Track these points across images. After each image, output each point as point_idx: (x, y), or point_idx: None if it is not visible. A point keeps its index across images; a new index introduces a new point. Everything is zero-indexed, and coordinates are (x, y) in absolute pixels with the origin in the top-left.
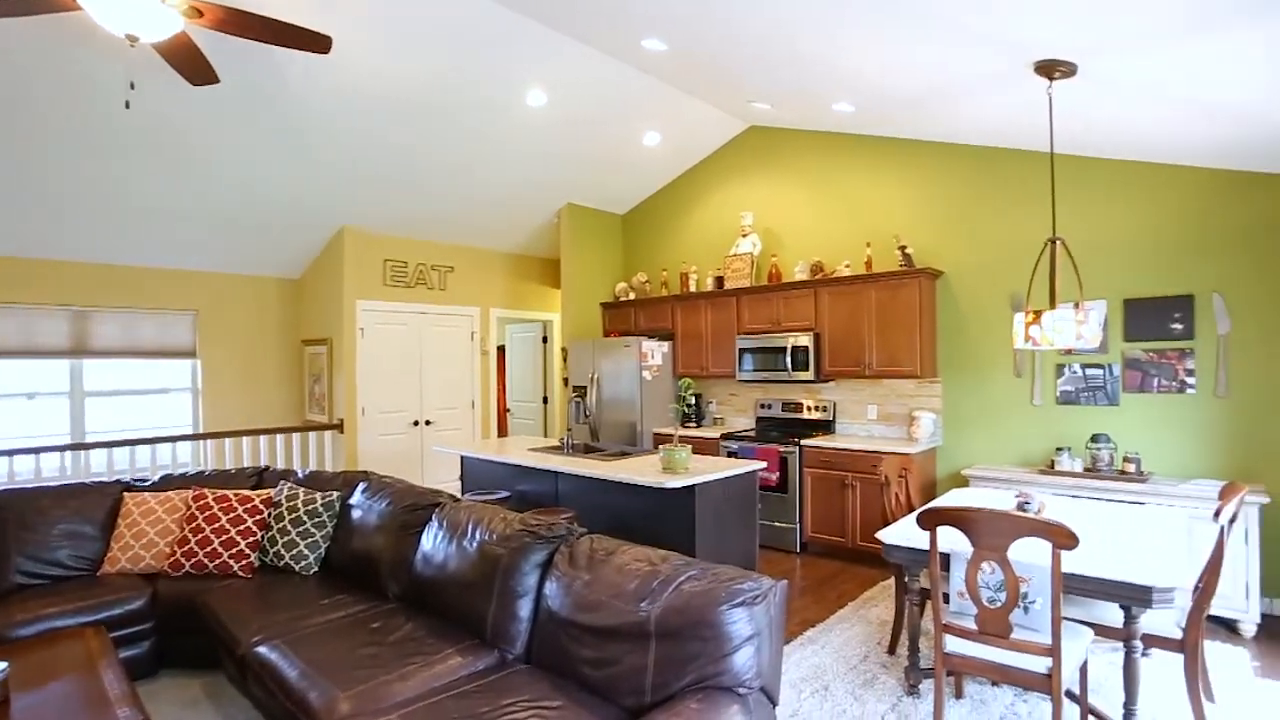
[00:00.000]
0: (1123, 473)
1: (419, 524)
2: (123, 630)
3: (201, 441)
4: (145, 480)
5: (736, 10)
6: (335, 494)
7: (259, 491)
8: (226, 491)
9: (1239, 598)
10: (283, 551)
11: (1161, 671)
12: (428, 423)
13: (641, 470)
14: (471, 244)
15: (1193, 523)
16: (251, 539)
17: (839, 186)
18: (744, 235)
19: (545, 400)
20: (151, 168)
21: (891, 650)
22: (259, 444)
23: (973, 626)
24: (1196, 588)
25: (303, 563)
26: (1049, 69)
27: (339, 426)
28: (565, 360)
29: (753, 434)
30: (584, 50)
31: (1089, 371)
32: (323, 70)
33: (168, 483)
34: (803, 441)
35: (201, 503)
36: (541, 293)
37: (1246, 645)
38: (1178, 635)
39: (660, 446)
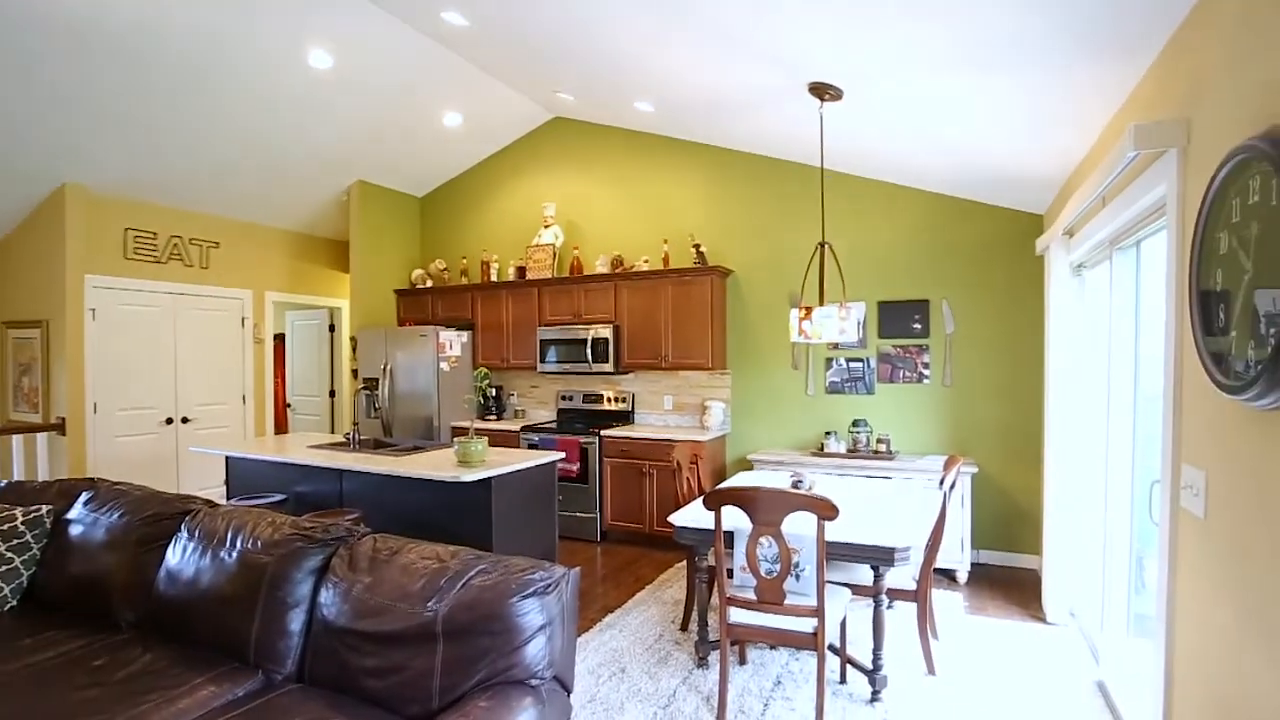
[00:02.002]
0: (876, 452)
1: (163, 536)
2: None
3: None
4: None
5: None
6: (45, 508)
7: None
8: None
9: (956, 551)
10: None
11: (901, 619)
12: (185, 420)
13: (436, 465)
14: (243, 218)
15: (927, 491)
16: None
17: (640, 184)
18: (546, 226)
19: (332, 394)
20: None
21: (684, 627)
22: None
23: (753, 597)
24: (926, 545)
25: None
26: (820, 90)
27: (59, 427)
28: (355, 350)
29: (554, 425)
30: (375, 12)
31: (852, 364)
32: None
33: None
34: (603, 432)
35: None
36: (328, 277)
37: (961, 590)
38: (913, 587)
39: (456, 439)
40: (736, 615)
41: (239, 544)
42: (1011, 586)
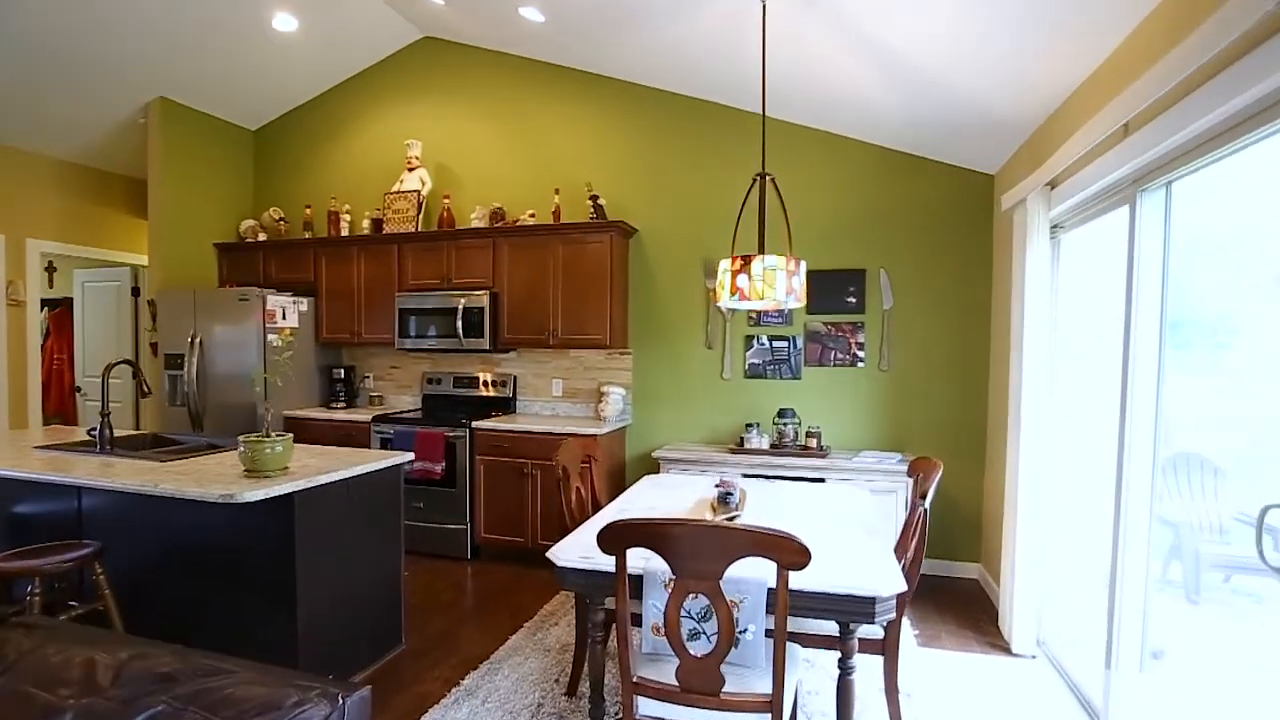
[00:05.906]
0: (805, 448)
1: None
2: None
3: None
4: None
5: None
6: None
7: None
8: None
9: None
10: None
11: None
12: None
13: (210, 477)
14: None
15: (872, 497)
16: None
17: (528, 122)
18: (410, 169)
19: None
20: None
21: (571, 692)
22: None
23: (672, 681)
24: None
25: None
26: None
27: None
28: (154, 318)
29: (417, 415)
30: None
31: (775, 344)
32: None
33: None
34: (475, 423)
35: None
36: (131, 226)
37: (905, 611)
38: (879, 635)
39: (241, 438)
40: (648, 708)
41: None
42: (958, 603)
